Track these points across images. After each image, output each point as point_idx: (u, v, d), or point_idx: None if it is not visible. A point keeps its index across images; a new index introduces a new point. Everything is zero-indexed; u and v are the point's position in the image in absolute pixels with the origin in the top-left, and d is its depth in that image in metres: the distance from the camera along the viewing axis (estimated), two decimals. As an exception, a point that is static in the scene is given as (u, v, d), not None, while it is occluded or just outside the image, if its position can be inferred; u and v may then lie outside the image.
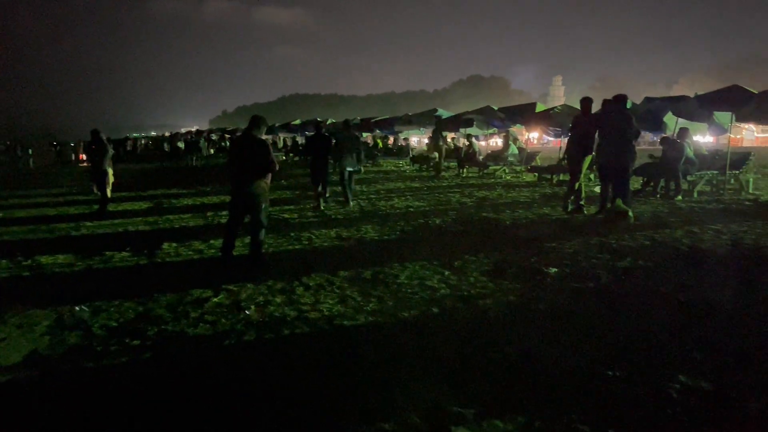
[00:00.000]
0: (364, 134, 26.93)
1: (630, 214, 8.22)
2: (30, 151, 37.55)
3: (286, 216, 9.66)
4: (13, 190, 17.27)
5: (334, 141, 11.04)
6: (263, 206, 6.07)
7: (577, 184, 9.13)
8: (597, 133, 8.68)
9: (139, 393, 3.26)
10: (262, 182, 6.01)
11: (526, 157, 17.78)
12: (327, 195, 11.24)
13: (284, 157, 28.97)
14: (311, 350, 3.83)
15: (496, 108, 17.86)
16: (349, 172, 11.00)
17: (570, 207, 9.33)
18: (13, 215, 11.12)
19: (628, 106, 8.72)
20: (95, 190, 10.83)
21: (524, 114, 16.38)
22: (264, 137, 6.36)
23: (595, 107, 9.28)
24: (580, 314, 4.37)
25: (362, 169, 11.87)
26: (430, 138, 20.25)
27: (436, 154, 18.31)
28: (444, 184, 14.50)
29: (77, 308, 4.69)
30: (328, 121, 27.73)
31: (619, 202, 8.32)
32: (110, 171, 10.64)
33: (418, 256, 6.41)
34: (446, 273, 5.65)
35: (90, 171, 11.15)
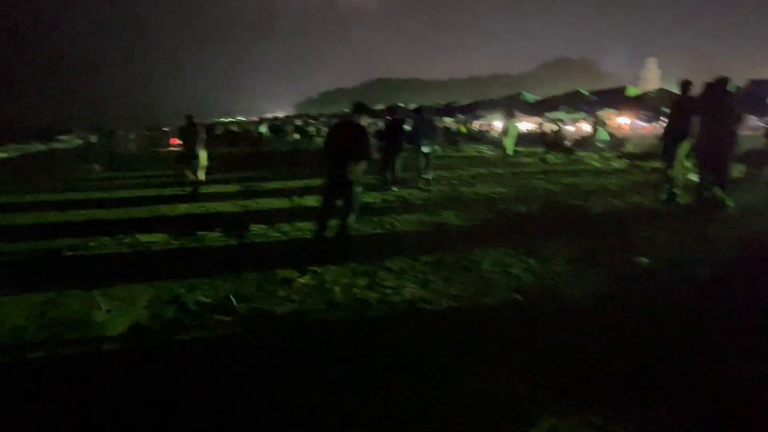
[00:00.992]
0: (447, 119, 26.71)
1: (729, 203, 7.70)
2: (131, 136, 40.12)
3: (368, 200, 9.75)
4: (116, 171, 18.46)
5: (408, 127, 11.48)
6: (357, 190, 6.15)
7: (672, 171, 8.65)
8: (697, 118, 8.15)
9: (230, 367, 3.41)
10: (358, 167, 6.08)
11: (616, 142, 17.02)
12: (397, 180, 11.45)
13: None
14: (395, 333, 3.86)
15: (585, 92, 17.16)
16: (426, 153, 11.94)
17: (664, 195, 8.85)
18: (114, 195, 11.88)
19: (731, 88, 8.12)
20: (188, 173, 11.37)
21: (615, 98, 15.67)
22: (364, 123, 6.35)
23: (695, 91, 8.70)
24: (677, 309, 4.14)
25: (437, 148, 13.23)
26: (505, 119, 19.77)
27: (504, 138, 18.07)
28: (529, 170, 14.14)
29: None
30: (411, 106, 27.69)
31: (718, 190, 7.81)
32: (203, 155, 11.15)
33: (502, 243, 6.30)
34: (531, 261, 5.51)
35: (183, 155, 11.69)
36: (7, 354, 3.72)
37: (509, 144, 17.76)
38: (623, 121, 33.87)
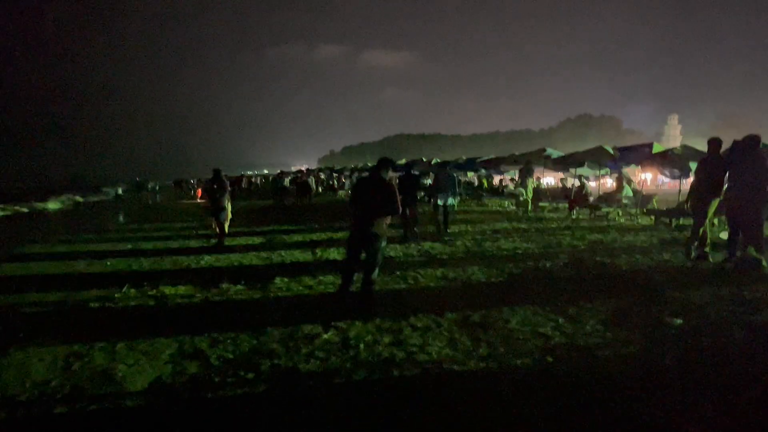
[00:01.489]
0: (470, 173, 26.87)
1: (764, 263, 7.51)
2: (157, 188, 41.24)
3: (391, 254, 9.70)
4: (142, 224, 18.74)
5: (425, 180, 12.35)
6: (381, 245, 6.13)
7: (701, 230, 8.50)
8: (725, 176, 8.07)
9: (253, 427, 3.33)
10: (383, 222, 6.08)
11: (642, 199, 16.86)
12: (416, 230, 11.79)
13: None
14: (421, 393, 3.76)
15: (608, 148, 17.14)
16: (445, 206, 12.53)
17: (693, 254, 8.67)
18: (140, 247, 12.01)
19: (760, 146, 8.04)
20: (214, 226, 11.51)
21: (640, 154, 15.59)
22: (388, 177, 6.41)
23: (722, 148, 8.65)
24: (715, 373, 3.97)
25: (455, 203, 13.36)
26: (519, 175, 20.03)
27: (522, 191, 18.71)
28: (553, 226, 14.00)
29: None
30: (433, 161, 27.97)
31: (751, 249, 7.63)
32: (228, 207, 11.30)
33: (529, 300, 6.17)
34: (560, 320, 5.38)
35: (210, 207, 11.84)
36: (30, 407, 3.69)
37: (528, 195, 18.61)
38: (647, 178, 33.71)
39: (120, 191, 50.69)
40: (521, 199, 18.83)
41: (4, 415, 3.60)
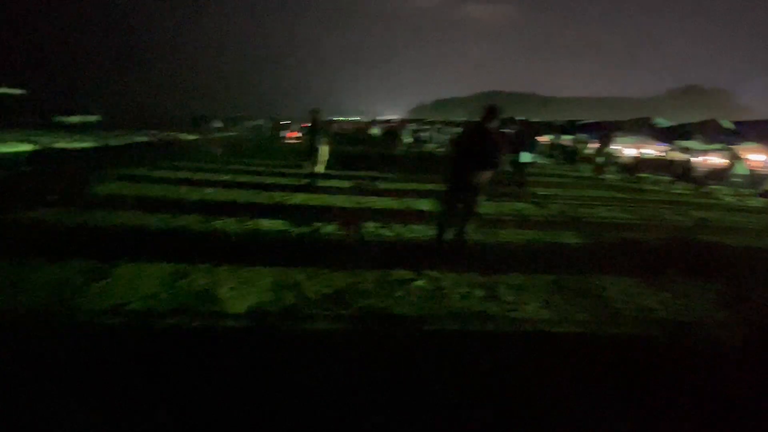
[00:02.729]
0: (566, 136, 25.76)
1: None
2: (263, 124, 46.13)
3: (482, 210, 9.48)
4: (239, 157, 19.38)
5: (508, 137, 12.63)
6: (480, 198, 5.97)
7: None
8: None
9: (346, 361, 3.37)
10: (485, 174, 5.89)
11: (755, 179, 15.58)
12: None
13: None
14: (517, 352, 3.66)
15: (724, 122, 15.85)
16: (525, 163, 12.81)
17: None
18: (236, 179, 12.45)
19: None
20: (308, 165, 11.69)
21: (762, 131, 14.31)
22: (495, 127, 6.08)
23: None
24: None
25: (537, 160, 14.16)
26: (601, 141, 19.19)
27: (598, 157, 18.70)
28: (654, 198, 13.22)
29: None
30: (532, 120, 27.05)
31: None
32: (324, 149, 11.41)
33: (628, 272, 5.85)
34: (664, 294, 5.08)
35: (306, 147, 11.99)
36: (140, 318, 3.92)
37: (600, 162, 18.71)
38: (758, 158, 31.06)
39: (220, 124, 53.96)
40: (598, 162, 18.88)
41: (117, 321, 3.84)
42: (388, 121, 51.92)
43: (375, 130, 33.03)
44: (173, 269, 5.01)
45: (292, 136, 36.98)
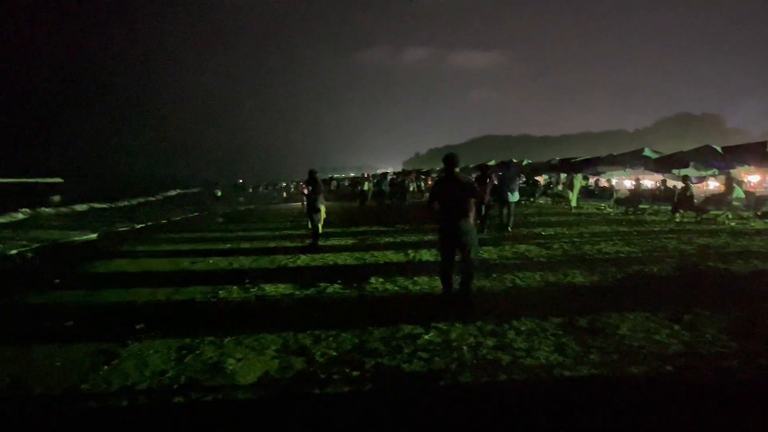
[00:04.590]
0: (563, 175, 25.91)
1: None
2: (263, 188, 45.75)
3: (485, 256, 9.48)
4: (238, 224, 19.49)
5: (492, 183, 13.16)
6: (474, 243, 6.00)
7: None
8: None
9: (360, 425, 3.31)
10: (469, 219, 5.96)
11: (755, 201, 15.62)
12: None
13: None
14: (532, 399, 3.59)
15: (717, 147, 15.94)
16: (512, 202, 13.28)
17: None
18: (239, 246, 12.50)
19: None
20: (309, 225, 11.73)
21: (754, 154, 14.39)
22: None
23: None
24: None
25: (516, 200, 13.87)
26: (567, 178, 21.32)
27: (569, 192, 21.06)
28: (656, 229, 13.19)
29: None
30: (524, 162, 27.27)
31: None
32: (323, 208, 11.49)
33: (638, 306, 5.80)
34: (675, 327, 5.02)
35: (306, 207, 12.07)
36: (151, 396, 3.87)
37: (573, 198, 20.63)
38: (754, 180, 31.27)
39: (219, 193, 53.80)
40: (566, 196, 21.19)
41: (126, 404, 3.79)
42: (384, 174, 52.37)
43: (367, 185, 33.19)
44: (180, 344, 4.98)
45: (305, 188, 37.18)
